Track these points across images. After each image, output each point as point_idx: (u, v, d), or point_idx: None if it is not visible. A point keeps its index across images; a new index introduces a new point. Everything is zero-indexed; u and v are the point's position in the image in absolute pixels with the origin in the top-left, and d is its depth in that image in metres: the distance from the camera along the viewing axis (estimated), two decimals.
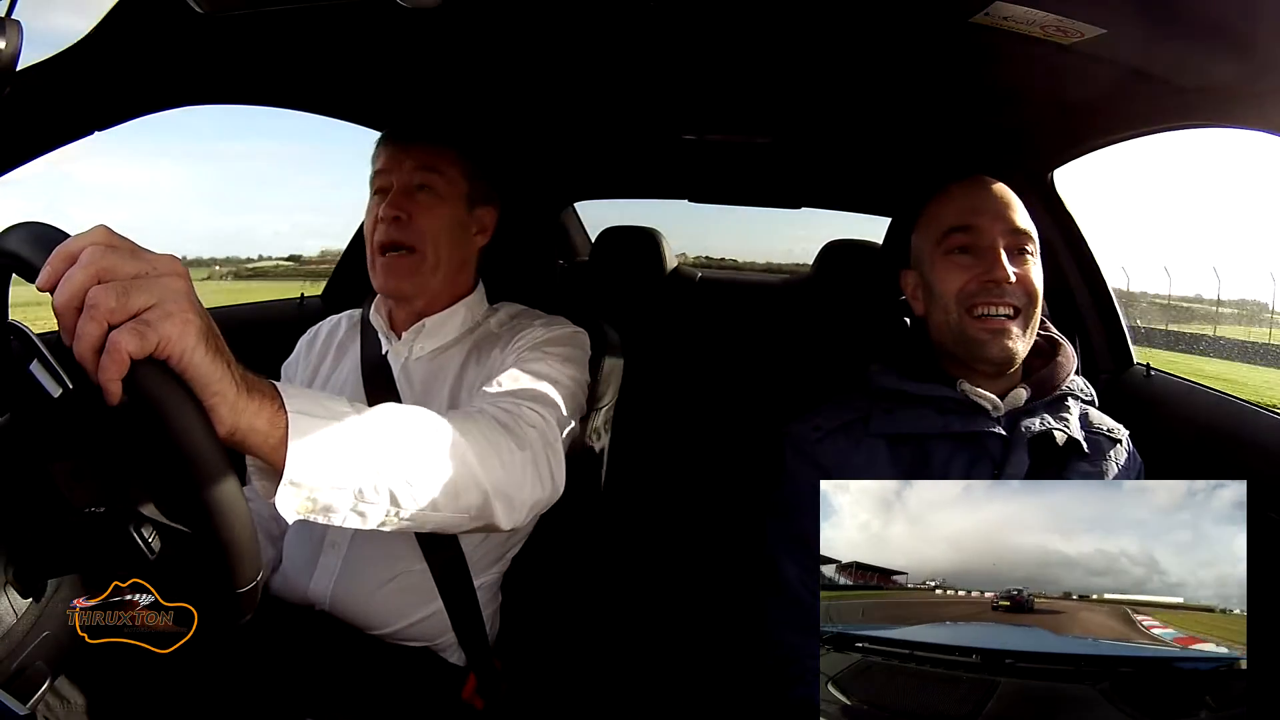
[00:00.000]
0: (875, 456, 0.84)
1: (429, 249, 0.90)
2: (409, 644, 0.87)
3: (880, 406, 0.87)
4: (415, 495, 0.59)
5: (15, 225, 0.52)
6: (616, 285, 1.92)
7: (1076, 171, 1.29)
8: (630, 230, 1.99)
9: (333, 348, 1.01)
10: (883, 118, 1.28)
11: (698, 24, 0.93)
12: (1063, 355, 0.90)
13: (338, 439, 0.53)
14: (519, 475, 0.69)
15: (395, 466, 0.58)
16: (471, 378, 0.89)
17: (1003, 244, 0.83)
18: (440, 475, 0.61)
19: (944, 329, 0.86)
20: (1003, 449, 0.82)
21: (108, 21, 0.77)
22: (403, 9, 0.73)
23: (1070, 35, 0.73)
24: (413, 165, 0.91)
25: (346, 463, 0.54)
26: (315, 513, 0.54)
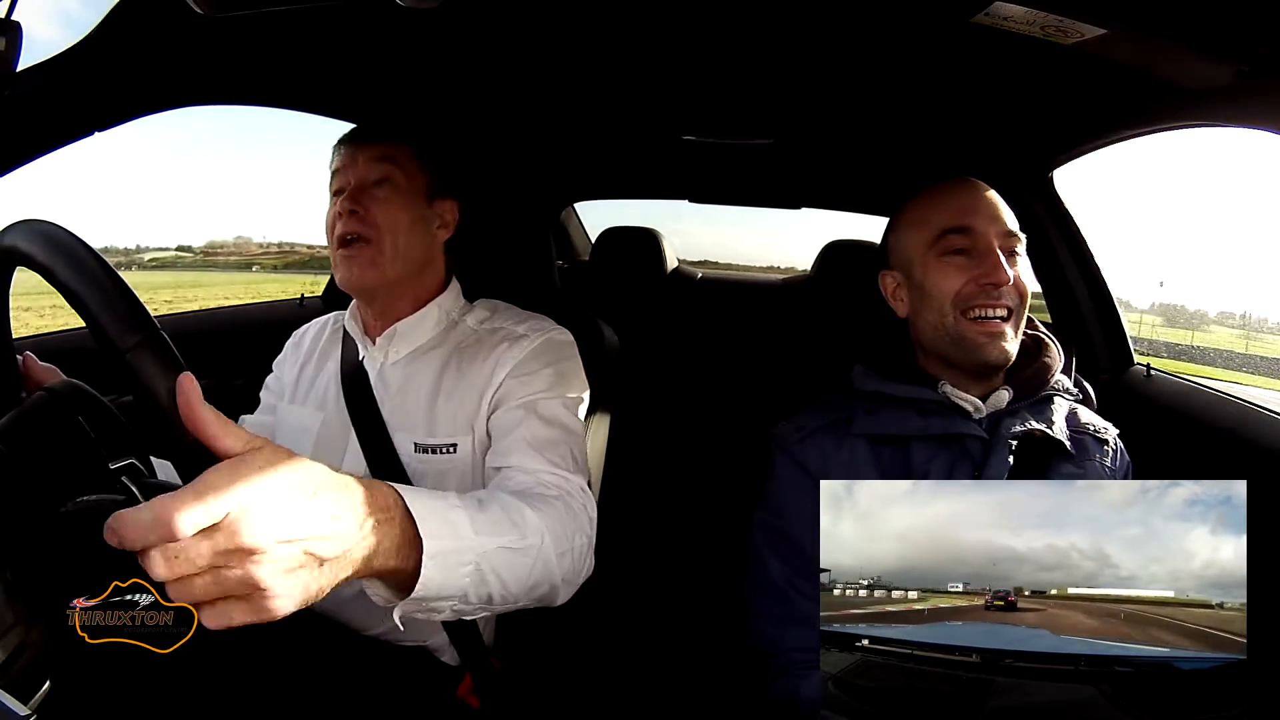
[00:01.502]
0: (857, 456, 0.84)
1: (386, 241, 0.89)
2: (402, 643, 0.87)
3: (863, 407, 0.87)
4: (506, 595, 0.65)
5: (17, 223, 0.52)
6: (616, 285, 1.92)
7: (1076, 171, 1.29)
8: (630, 230, 1.99)
9: (317, 351, 1.01)
10: (883, 118, 1.28)
11: (698, 24, 0.93)
12: (1048, 355, 0.89)
13: (459, 561, 0.58)
14: (581, 562, 0.75)
15: (497, 575, 0.63)
16: (449, 387, 0.89)
17: (999, 246, 0.82)
18: (529, 576, 0.67)
19: (937, 331, 0.85)
20: (983, 450, 0.81)
21: (108, 21, 0.77)
22: (403, 9, 0.73)
23: (1070, 35, 0.73)
24: (367, 160, 0.91)
25: (461, 580, 0.59)
26: (420, 613, 0.58)
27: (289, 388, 1.00)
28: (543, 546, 0.68)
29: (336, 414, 0.92)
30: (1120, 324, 1.32)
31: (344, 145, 0.94)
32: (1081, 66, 0.84)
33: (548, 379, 0.88)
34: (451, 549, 0.57)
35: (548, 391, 0.87)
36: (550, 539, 0.69)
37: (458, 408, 0.88)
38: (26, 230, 0.51)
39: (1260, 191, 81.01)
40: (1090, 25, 0.71)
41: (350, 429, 0.90)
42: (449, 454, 0.87)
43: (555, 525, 0.71)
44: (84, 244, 0.49)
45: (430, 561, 0.54)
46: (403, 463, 0.87)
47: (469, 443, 0.87)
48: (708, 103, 1.28)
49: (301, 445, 0.91)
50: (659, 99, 1.27)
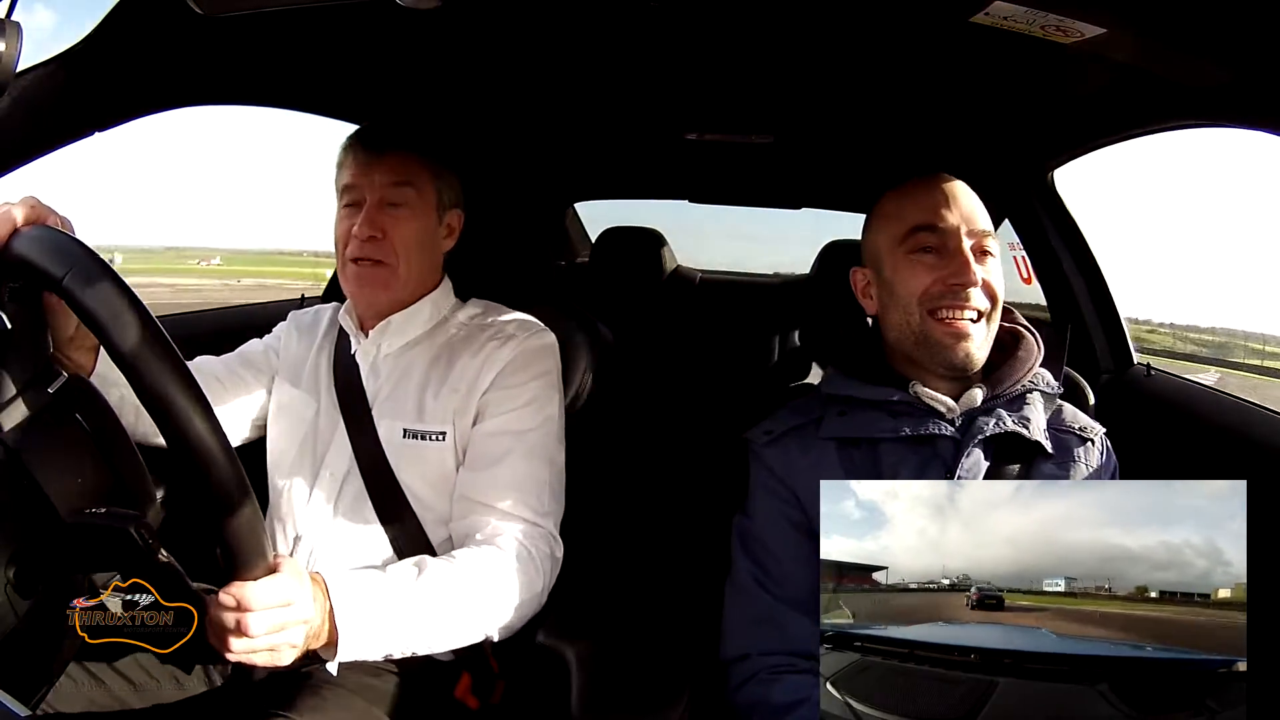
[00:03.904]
0: (823, 460, 0.83)
1: (402, 265, 0.90)
2: None
3: (834, 410, 0.86)
4: (435, 646, 0.76)
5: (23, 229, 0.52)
6: (616, 285, 1.92)
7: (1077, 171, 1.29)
8: (631, 230, 1.99)
9: (316, 338, 1.01)
10: (883, 117, 1.28)
11: (698, 23, 0.93)
12: (1023, 350, 0.85)
13: (384, 635, 0.71)
14: (525, 610, 0.82)
15: (423, 635, 0.74)
16: (439, 377, 0.91)
17: (969, 244, 0.80)
18: (458, 631, 0.77)
19: (903, 330, 0.83)
20: (954, 451, 0.80)
21: (108, 21, 0.77)
22: (403, 9, 0.73)
23: (1070, 35, 0.73)
24: (384, 181, 0.90)
25: (387, 644, 0.72)
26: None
27: (286, 367, 1.00)
28: (475, 607, 0.77)
29: (328, 403, 0.94)
30: (1120, 324, 1.32)
31: (357, 151, 0.92)
32: (1081, 66, 0.84)
33: (533, 391, 0.90)
34: (372, 633, 0.70)
35: (533, 413, 0.89)
36: (486, 599, 0.78)
37: (447, 398, 0.89)
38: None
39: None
40: (1090, 25, 0.71)
41: (340, 419, 0.92)
42: (438, 441, 0.88)
43: (493, 583, 0.79)
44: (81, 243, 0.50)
45: (346, 644, 0.68)
46: (391, 449, 0.89)
47: (454, 432, 0.89)
48: (708, 102, 1.28)
49: (295, 430, 0.94)
50: (659, 98, 1.27)
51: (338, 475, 0.90)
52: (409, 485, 0.88)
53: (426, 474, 0.88)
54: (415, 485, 0.88)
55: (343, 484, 0.89)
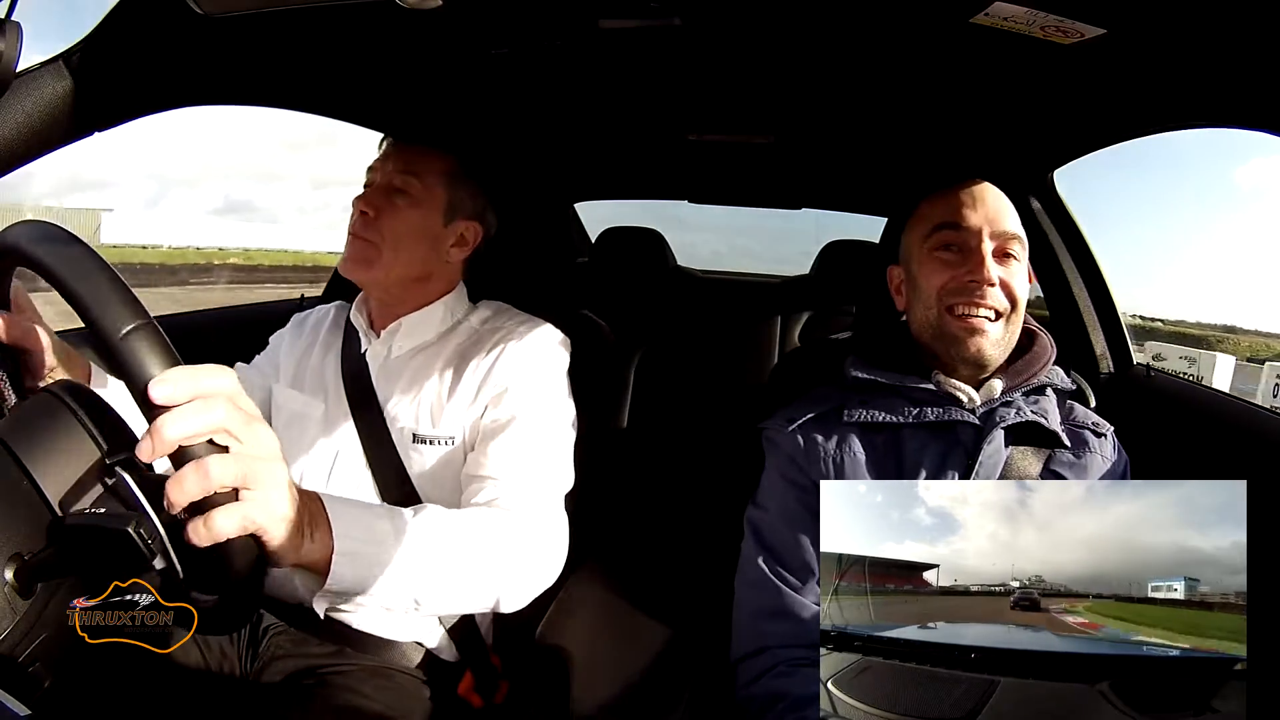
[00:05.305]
0: (849, 445, 0.85)
1: (386, 248, 0.91)
2: (400, 641, 0.87)
3: (856, 397, 0.88)
4: (435, 601, 0.69)
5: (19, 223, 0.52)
6: (617, 285, 1.92)
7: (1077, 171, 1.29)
8: (631, 230, 1.99)
9: (319, 338, 1.02)
10: (883, 118, 1.28)
11: (699, 24, 0.93)
12: (1039, 346, 0.90)
13: (377, 566, 0.62)
14: (530, 577, 0.77)
15: (421, 582, 0.66)
16: (452, 382, 0.90)
17: (990, 246, 0.83)
18: (460, 585, 0.71)
19: (924, 323, 0.87)
20: (975, 438, 0.82)
21: (108, 21, 0.77)
22: (404, 9, 0.73)
23: (1070, 35, 0.73)
24: (394, 167, 0.93)
25: (380, 582, 0.62)
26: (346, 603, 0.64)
27: (287, 371, 1.00)
28: (476, 559, 0.72)
29: (336, 403, 0.94)
30: (1120, 324, 1.32)
31: (387, 143, 0.98)
32: (1081, 66, 0.84)
33: (543, 389, 0.90)
34: (366, 559, 0.61)
35: (541, 405, 0.88)
36: (488, 554, 0.73)
37: (458, 402, 0.89)
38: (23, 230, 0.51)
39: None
40: (1090, 25, 0.71)
41: (349, 418, 0.91)
42: (448, 445, 0.88)
43: (495, 541, 0.74)
44: (79, 240, 0.49)
45: (341, 559, 0.58)
46: (401, 452, 0.89)
47: (464, 436, 0.89)
48: (708, 102, 1.28)
49: (301, 431, 0.93)
50: (660, 99, 1.27)
51: (349, 476, 0.90)
52: (420, 488, 0.88)
53: (437, 476, 0.88)
54: (426, 487, 0.88)
55: (355, 484, 0.89)
